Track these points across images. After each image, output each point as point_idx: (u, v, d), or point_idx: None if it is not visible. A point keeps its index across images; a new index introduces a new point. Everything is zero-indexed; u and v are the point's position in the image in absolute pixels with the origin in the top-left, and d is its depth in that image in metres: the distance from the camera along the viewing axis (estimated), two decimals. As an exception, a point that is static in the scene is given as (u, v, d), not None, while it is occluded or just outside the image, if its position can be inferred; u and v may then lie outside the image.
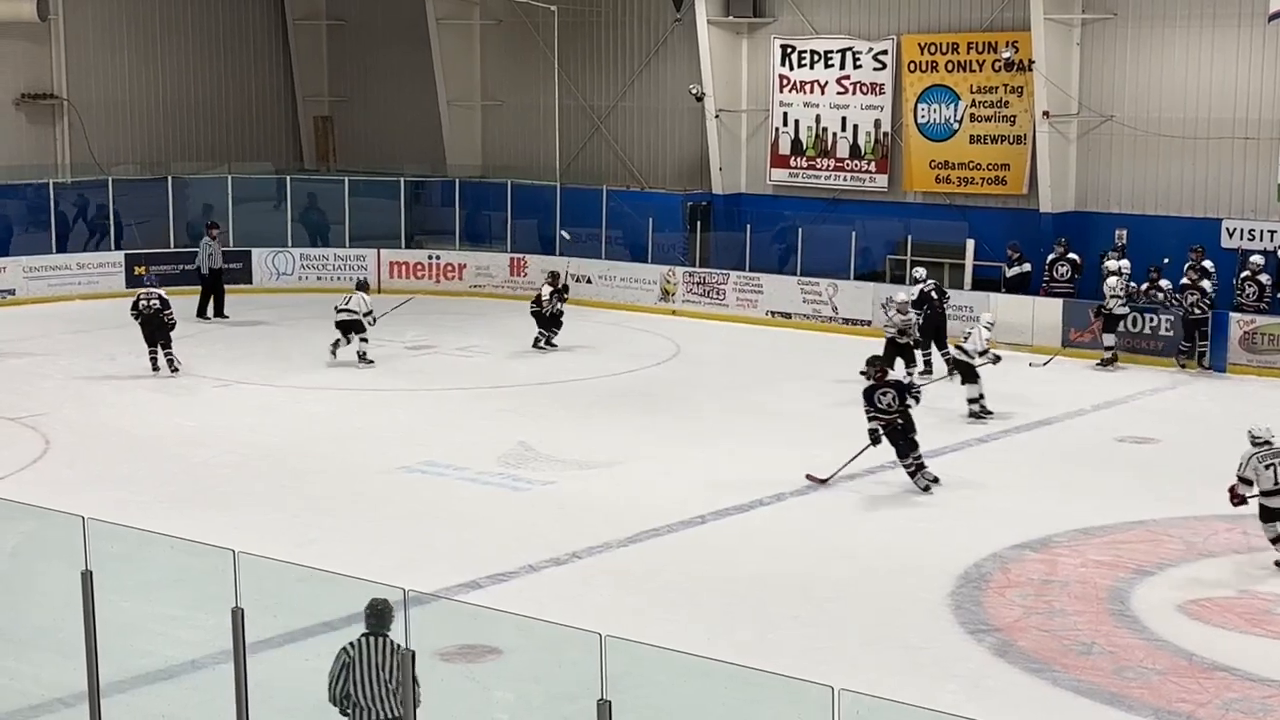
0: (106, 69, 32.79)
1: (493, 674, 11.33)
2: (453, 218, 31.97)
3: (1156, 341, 24.05)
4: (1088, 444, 19.38)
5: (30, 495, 14.51)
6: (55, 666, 10.86)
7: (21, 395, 21.05)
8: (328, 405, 21.20)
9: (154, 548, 11.72)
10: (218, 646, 8.73)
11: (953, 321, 24.26)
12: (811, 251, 28.21)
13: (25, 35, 31.25)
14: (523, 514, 16.23)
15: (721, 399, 21.85)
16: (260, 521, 15.49)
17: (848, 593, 13.92)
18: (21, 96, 31.59)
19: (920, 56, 28.22)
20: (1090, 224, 26.56)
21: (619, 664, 7.35)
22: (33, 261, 29.53)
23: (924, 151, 28.33)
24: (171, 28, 33.96)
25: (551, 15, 31.33)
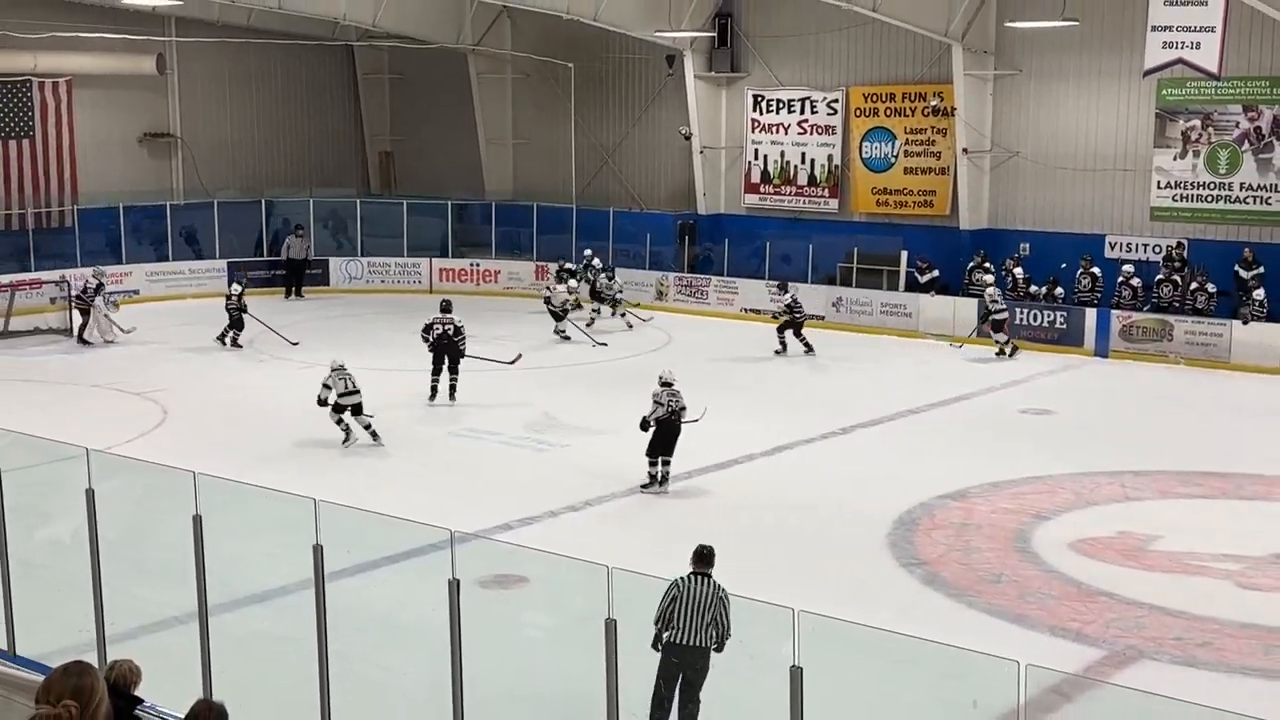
0: (212, 113, 32.66)
1: (522, 598, 11.34)
2: (489, 233, 31.87)
3: (1052, 333, 24.05)
4: (997, 415, 19.38)
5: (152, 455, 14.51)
6: (173, 591, 10.85)
7: (145, 375, 21.04)
8: (391, 383, 21.15)
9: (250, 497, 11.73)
10: (301, 576, 8.74)
11: (891, 317, 24.21)
12: (777, 260, 28.17)
13: (147, 86, 31.15)
14: (545, 470, 16.24)
15: (705, 377, 21.76)
16: (335, 476, 15.50)
17: (805, 533, 13.93)
18: (144, 135, 31.50)
19: (864, 104, 28.13)
20: (1000, 238, 26.51)
21: (623, 590, 7.35)
22: (153, 268, 29.47)
23: (867, 180, 28.26)
24: (264, 80, 33.85)
25: (569, 70, 31.25)
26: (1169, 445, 17.38)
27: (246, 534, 12.73)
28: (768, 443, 17.32)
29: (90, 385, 20.46)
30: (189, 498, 8.83)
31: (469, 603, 7.94)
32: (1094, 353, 23.46)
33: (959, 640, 7.50)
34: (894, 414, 19.16)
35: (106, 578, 9.50)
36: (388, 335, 25.12)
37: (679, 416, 15.26)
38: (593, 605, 7.39)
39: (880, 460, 16.82)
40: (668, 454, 15.21)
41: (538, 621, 11.07)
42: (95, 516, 9.31)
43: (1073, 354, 23.52)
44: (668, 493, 15.16)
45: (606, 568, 7.18)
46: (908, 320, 25.65)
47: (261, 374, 21.83)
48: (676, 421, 15.25)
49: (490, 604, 10.97)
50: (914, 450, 17.29)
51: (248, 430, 18.05)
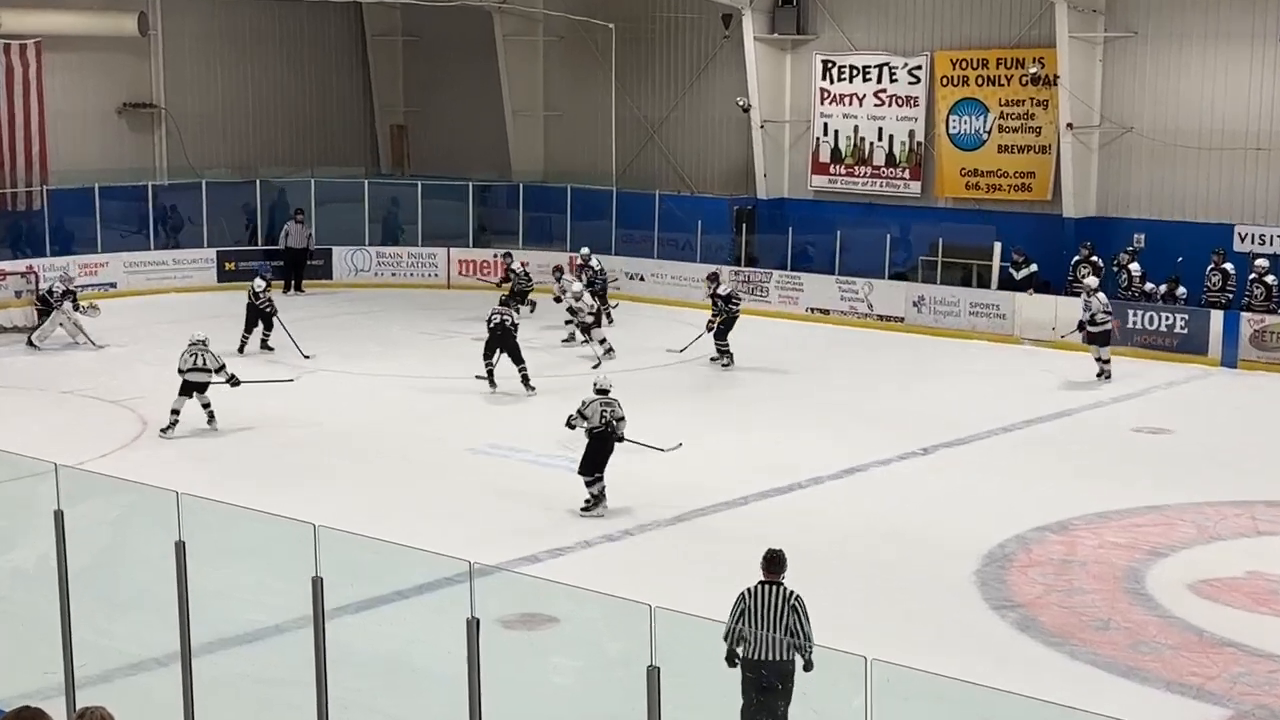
0: (200, 80, 33.00)
1: (550, 641, 11.36)
2: (517, 219, 32.01)
3: (1171, 339, 23.85)
4: (1105, 434, 19.24)
5: (129, 471, 14.64)
6: (151, 628, 10.96)
7: (122, 380, 21.24)
8: (399, 391, 21.28)
9: (241, 521, 11.81)
10: (298, 612, 8.78)
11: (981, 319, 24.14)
12: (848, 252, 28.13)
13: (127, 49, 31.50)
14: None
15: (764, 388, 21.81)
16: (337, 497, 15.58)
17: (880, 569, 13.87)
18: (123, 105, 31.86)
19: (952, 71, 28.05)
20: (1110, 228, 26.33)
21: (668, 633, 7.35)
22: (132, 257, 29.78)
23: (954, 160, 28.17)
24: (260, 43, 34.16)
25: (609, 32, 31.33)
26: (1308, 471, 17.21)
27: (236, 563, 12.82)
28: (837, 464, 17.27)
29: (59, 392, 20.68)
30: (171, 521, 8.90)
31: (490, 645, 7.96)
32: (1220, 362, 23.25)
33: (1059, 696, 7.45)
34: (984, 432, 19.06)
35: (77, 612, 9.58)
36: (398, 336, 25.27)
37: (615, 429, 15.38)
38: (632, 650, 7.38)
39: (968, 485, 16.72)
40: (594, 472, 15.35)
41: (568, 667, 11.08)
42: (64, 541, 9.40)
43: (1195, 363, 23.32)
44: (603, 515, 15.21)
45: (649, 607, 7.17)
46: (1001, 323, 25.53)
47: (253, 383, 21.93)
48: (611, 435, 15.37)
49: (514, 646, 10.99)
50: (1007, 474, 17.18)
51: (238, 444, 18.18)
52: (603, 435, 15.33)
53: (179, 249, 30.50)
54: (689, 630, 8.71)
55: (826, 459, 17.47)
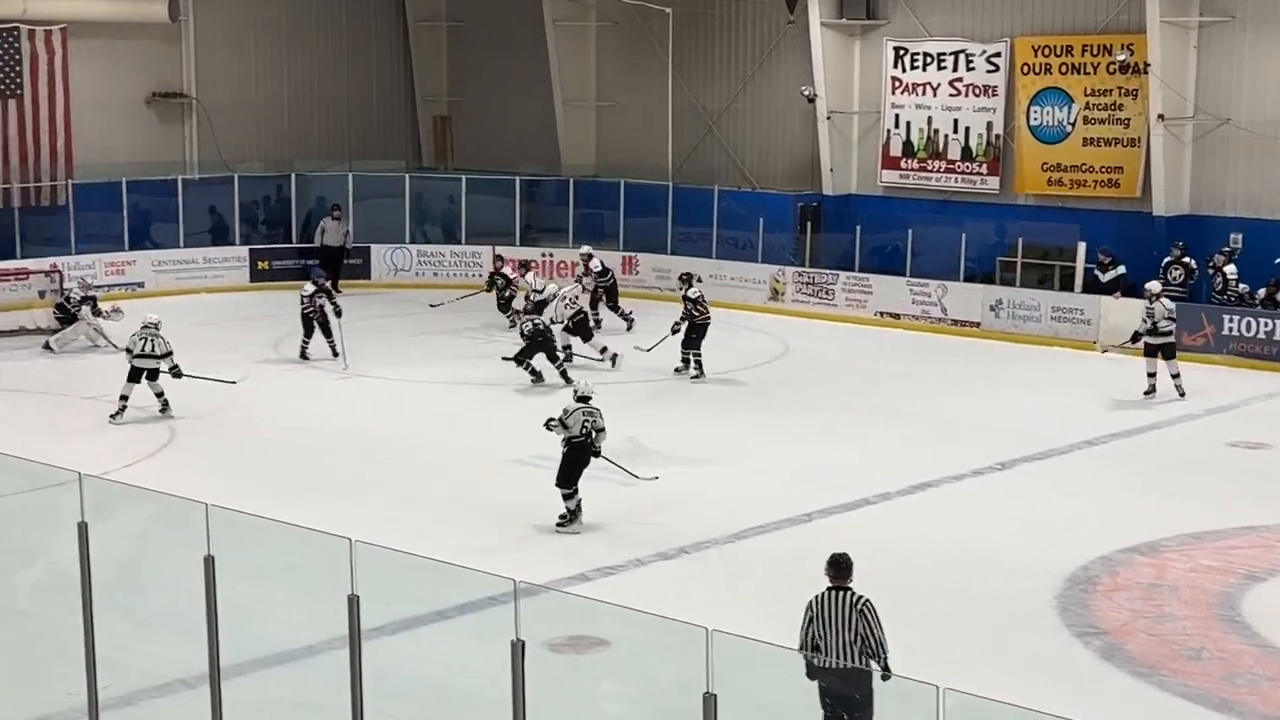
0: (233, 69, 33.29)
1: (600, 665, 11.37)
2: (566, 216, 32.09)
3: (1271, 346, 23.61)
4: (1199, 448, 19.06)
5: (156, 482, 14.80)
6: (178, 647, 11.05)
7: (148, 387, 21.36)
8: (442, 398, 21.39)
9: (273, 535, 11.91)
10: (333, 632, 8.84)
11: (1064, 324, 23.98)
12: (921, 253, 28.02)
13: (156, 36, 31.82)
14: (630, 508, 16.27)
15: (829, 398, 21.76)
16: (374, 511, 15.66)
17: (954, 592, 13.81)
18: (152, 95, 32.18)
19: (1034, 59, 27.89)
20: (1204, 227, 26.09)
21: (725, 658, 7.35)
22: (161, 255, 30.09)
23: (1036, 154, 28.01)
24: (296, 29, 34.42)
25: (666, 17, 31.36)
26: None
27: (268, 580, 12.92)
28: (907, 479, 17.21)
29: (83, 398, 20.90)
30: (200, 534, 8.98)
31: (536, 669, 7.98)
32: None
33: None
34: (1067, 446, 18.94)
35: (101, 630, 9.69)
36: (440, 340, 25.38)
37: (595, 440, 15.40)
38: (687, 675, 7.38)
39: (1049, 503, 16.62)
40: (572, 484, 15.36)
41: (619, 694, 11.09)
42: (89, 555, 9.50)
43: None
44: (579, 532, 15.19)
45: (705, 630, 7.17)
46: (1085, 329, 25.36)
47: (287, 387, 22.13)
48: (590, 446, 15.38)
49: (562, 671, 11.01)
50: (1092, 491, 17.05)
51: (271, 454, 18.32)
52: (582, 446, 15.36)
53: (209, 247, 30.73)
54: (747, 655, 8.70)
55: (896, 474, 17.40)
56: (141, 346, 19.57)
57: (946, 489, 17.07)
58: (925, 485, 17.12)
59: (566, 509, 15.33)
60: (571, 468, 15.33)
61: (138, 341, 19.56)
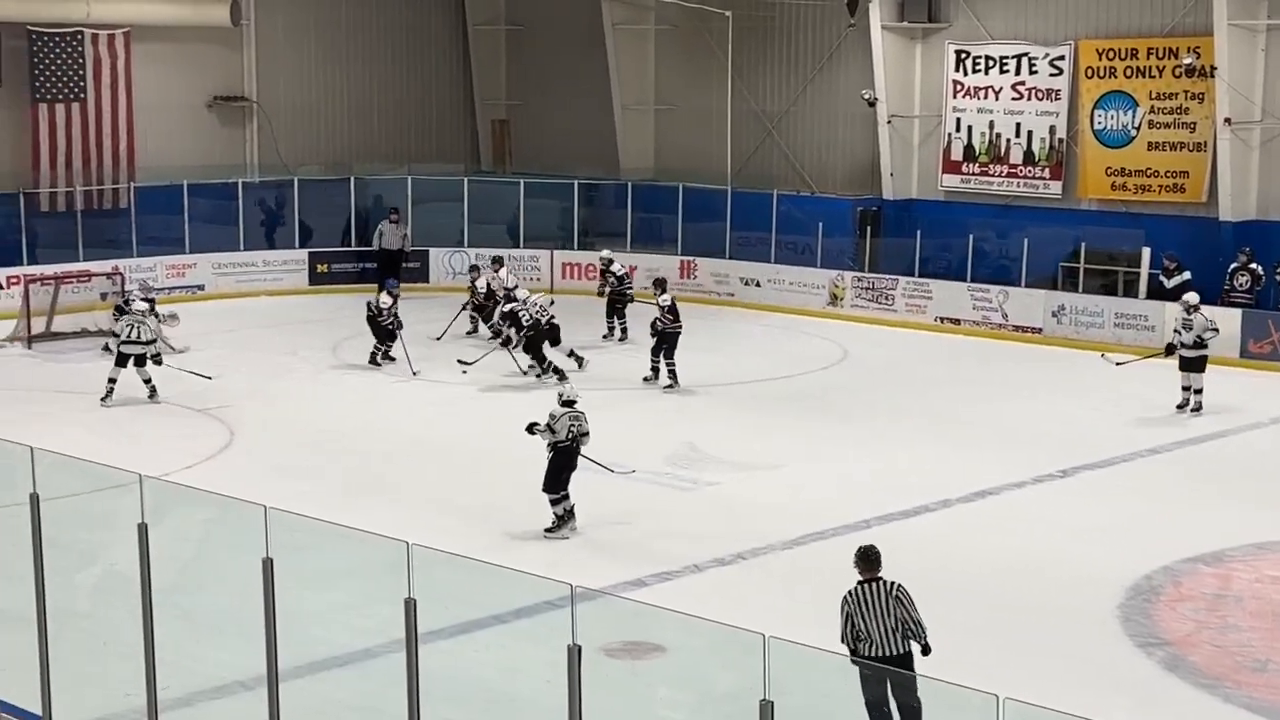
0: (294, 72, 33.54)
1: (656, 671, 11.36)
2: (624, 220, 32.12)
3: (1339, 354, 23.38)
4: (1265, 457, 18.87)
5: (215, 484, 14.91)
6: (236, 650, 11.14)
7: (208, 387, 21.58)
8: (499, 402, 21.44)
9: (331, 538, 11.96)
10: (390, 636, 8.87)
11: (1127, 331, 23.78)
12: (982, 258, 27.88)
13: (218, 40, 32.10)
14: (688, 514, 16.26)
15: (888, 403, 21.67)
16: (432, 514, 15.73)
17: (1014, 601, 13.72)
18: (214, 99, 32.46)
19: (1098, 62, 27.70)
20: (1271, 233, 25.79)
21: (782, 665, 7.33)
22: (221, 258, 30.32)
23: (1100, 158, 27.81)
24: (356, 33, 34.64)
25: (726, 21, 31.35)
26: None
27: (326, 582, 12.99)
28: (967, 486, 17.12)
29: (144, 399, 21.09)
30: (258, 536, 9.04)
31: (592, 674, 7.98)
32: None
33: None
34: (1130, 453, 18.79)
35: (160, 631, 9.77)
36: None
37: (580, 444, 15.36)
38: (744, 682, 7.37)
39: (1111, 512, 16.49)
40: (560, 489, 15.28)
41: (676, 700, 11.08)
42: (148, 557, 9.58)
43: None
44: (569, 537, 15.14)
45: (762, 636, 7.15)
46: (1150, 335, 25.12)
47: (346, 390, 22.26)
48: (577, 450, 15.35)
49: (618, 676, 11.01)
50: (1155, 500, 16.93)
51: (331, 457, 18.43)
52: (568, 450, 15.33)
53: (269, 250, 30.97)
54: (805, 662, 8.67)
55: (955, 480, 17.31)
56: (129, 333, 20.27)
57: (1007, 496, 16.96)
58: (985, 492, 17.02)
59: (555, 515, 15.27)
60: (558, 473, 15.31)
61: (125, 328, 20.27)
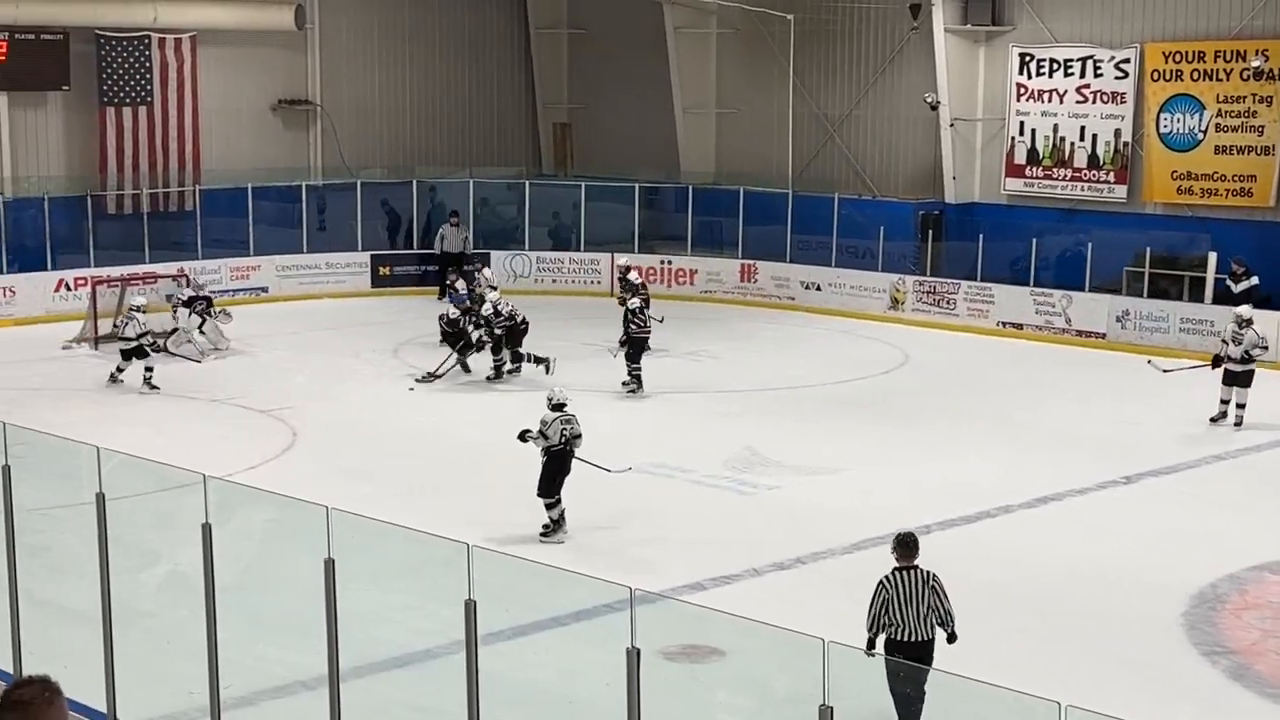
0: (357, 75, 33.76)
1: (715, 675, 11.36)
2: (685, 223, 32.12)
3: None
4: (1333, 465, 18.64)
5: (277, 484, 15.02)
6: (297, 650, 11.22)
7: (272, 389, 21.77)
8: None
9: (392, 539, 12.04)
10: (450, 637, 8.91)
11: (1193, 336, 23.53)
12: (1045, 262, 27.69)
13: (283, 43, 32.34)
14: (748, 518, 16.24)
15: (950, 408, 21.55)
16: (492, 517, 15.78)
17: (1076, 608, 13.62)
18: (278, 102, 32.71)
19: (1164, 65, 27.45)
20: (1342, 238, 25.53)
21: (842, 670, 7.31)
22: (284, 260, 30.55)
23: (1165, 162, 27.55)
24: (419, 36, 34.82)
25: (788, 24, 31.31)
26: None
27: (387, 583, 13.06)
28: (1029, 492, 17.01)
29: (209, 400, 21.30)
30: (320, 537, 9.10)
31: (651, 677, 7.98)
32: None
33: (1276, 753, 7.24)
34: (1195, 460, 18.62)
35: (223, 630, 9.86)
36: (557, 347, 25.42)
37: (573, 446, 15.30)
38: (803, 687, 7.35)
39: (1175, 519, 16.34)
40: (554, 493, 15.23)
41: (735, 704, 11.07)
42: (212, 556, 9.67)
43: None
44: (563, 542, 15.03)
45: (822, 641, 7.13)
46: (1215, 341, 24.81)
47: (410, 393, 22.34)
48: (570, 453, 15.29)
49: (677, 679, 11.01)
50: (1220, 507, 16.76)
51: (391, 459, 18.52)
52: (562, 454, 15.27)
53: (332, 252, 31.15)
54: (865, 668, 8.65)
55: (1017, 486, 17.19)
56: (123, 329, 21.57)
57: (1070, 502, 16.84)
58: (1047, 498, 16.91)
59: (550, 518, 15.22)
60: (553, 477, 15.26)
61: (122, 323, 21.75)
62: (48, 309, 27.25)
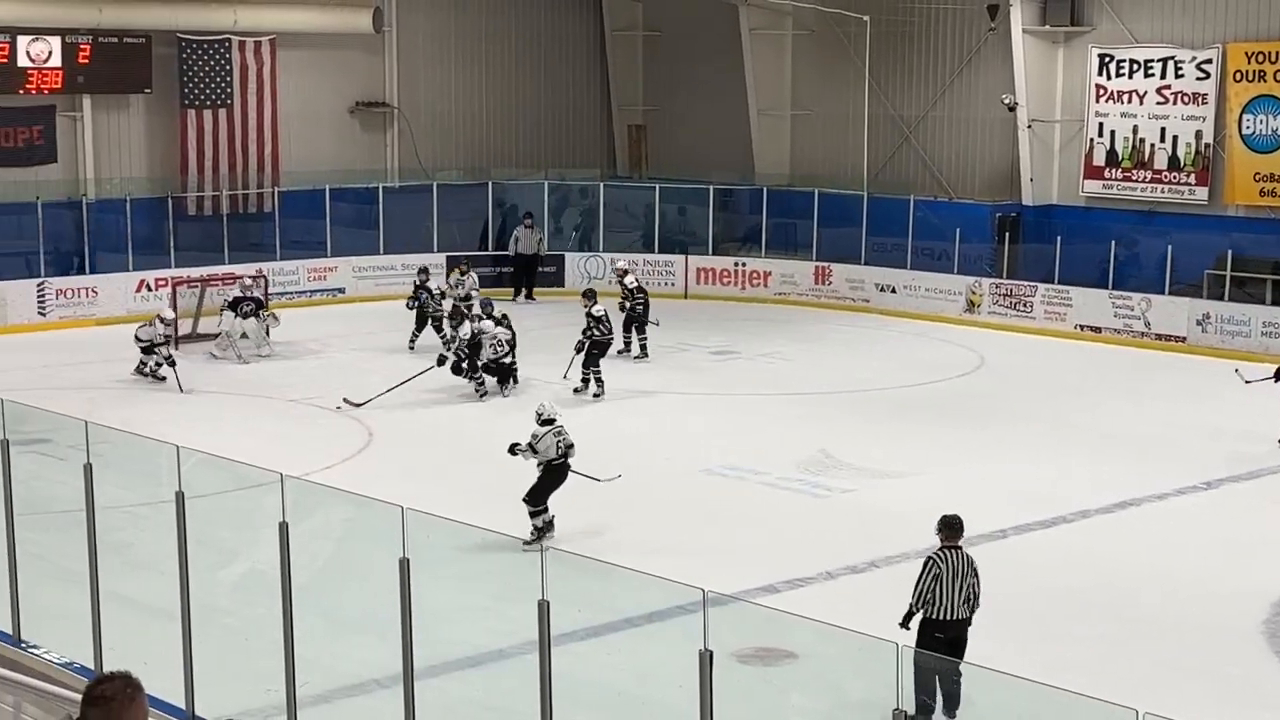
0: (434, 78, 33.95)
1: (788, 678, 11.34)
2: (759, 225, 32.08)
3: None
4: None
5: (353, 484, 15.14)
6: (372, 648, 11.32)
7: (348, 389, 21.91)
8: (631, 407, 21.51)
9: (466, 539, 12.12)
10: (523, 637, 8.96)
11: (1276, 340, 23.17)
12: (1124, 265, 27.41)
13: (361, 46, 32.59)
14: (821, 520, 16.20)
15: (1026, 412, 21.38)
16: (563, 519, 15.81)
17: (1155, 615, 13.48)
18: (356, 104, 32.96)
19: (1247, 65, 27.10)
20: None
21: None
22: (361, 261, 30.79)
23: (1248, 163, 27.19)
24: (496, 39, 34.97)
25: (863, 25, 31.18)
26: None
27: (460, 583, 13.15)
28: (1106, 497, 16.85)
29: (286, 400, 21.49)
30: (395, 536, 9.17)
31: (724, 679, 7.99)
32: None
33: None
34: (1276, 465, 18.36)
35: (299, 628, 9.95)
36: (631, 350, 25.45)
37: (568, 456, 15.20)
38: (877, 691, 7.34)
39: (1256, 525, 16.16)
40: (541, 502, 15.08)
41: (808, 707, 11.05)
42: (289, 555, 9.77)
43: None
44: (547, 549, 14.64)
45: (895, 645, 7.11)
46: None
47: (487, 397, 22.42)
48: (567, 466, 15.14)
49: (749, 682, 11.00)
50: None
51: (468, 458, 18.61)
52: (561, 468, 15.16)
53: (408, 254, 31.30)
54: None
55: (1095, 491, 17.04)
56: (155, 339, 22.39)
57: (1148, 508, 16.66)
58: (1125, 503, 16.74)
59: (534, 526, 14.94)
60: (545, 489, 15.14)
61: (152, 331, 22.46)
62: (129, 309, 27.59)
